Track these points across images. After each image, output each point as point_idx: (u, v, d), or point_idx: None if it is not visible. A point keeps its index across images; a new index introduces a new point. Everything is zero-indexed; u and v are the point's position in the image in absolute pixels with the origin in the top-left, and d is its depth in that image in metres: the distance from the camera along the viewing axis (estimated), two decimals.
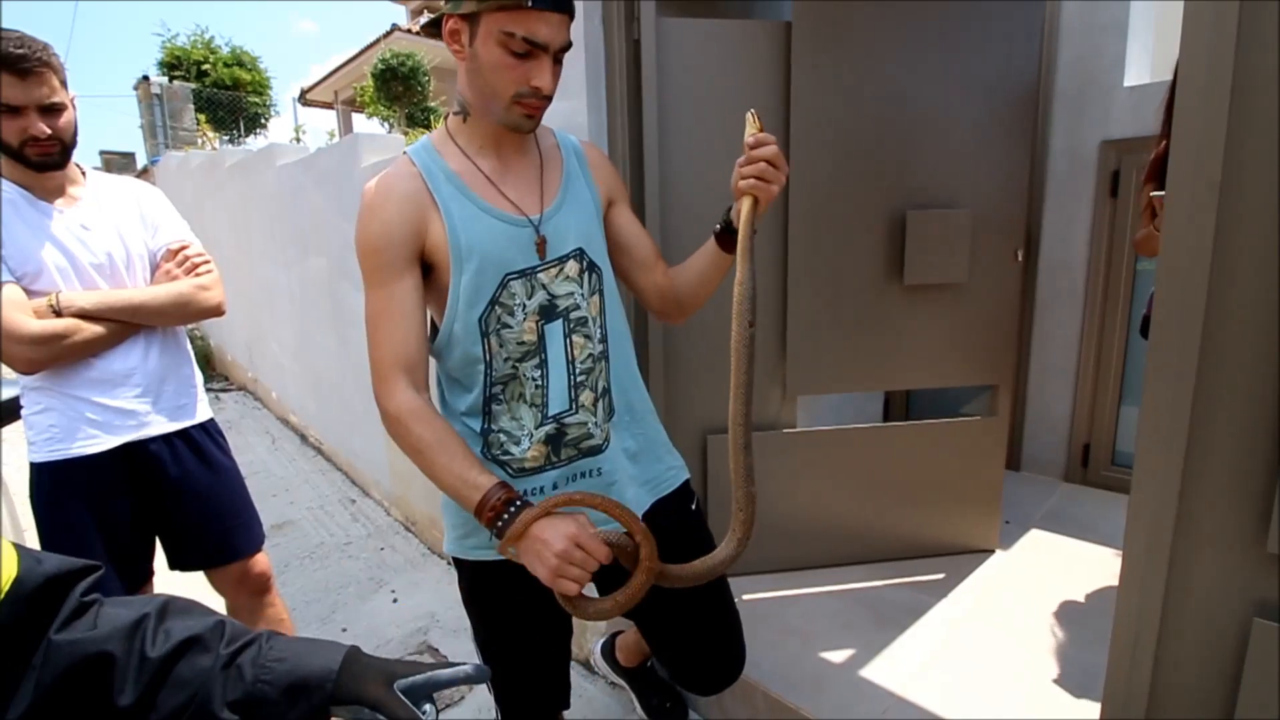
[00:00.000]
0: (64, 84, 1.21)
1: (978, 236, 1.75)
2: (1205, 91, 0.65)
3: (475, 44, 0.84)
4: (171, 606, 0.55)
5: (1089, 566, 1.89)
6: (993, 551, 1.96)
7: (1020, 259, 1.81)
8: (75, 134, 1.25)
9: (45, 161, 1.20)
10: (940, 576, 1.84)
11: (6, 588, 0.48)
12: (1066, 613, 1.68)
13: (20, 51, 1.12)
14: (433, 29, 0.96)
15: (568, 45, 0.87)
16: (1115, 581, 0.80)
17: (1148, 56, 2.25)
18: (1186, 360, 0.70)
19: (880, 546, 1.92)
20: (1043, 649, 1.55)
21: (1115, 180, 2.23)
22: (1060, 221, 2.38)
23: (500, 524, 0.81)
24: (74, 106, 1.25)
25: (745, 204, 0.86)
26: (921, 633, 1.62)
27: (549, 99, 0.88)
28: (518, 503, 0.81)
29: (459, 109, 0.94)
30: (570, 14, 0.85)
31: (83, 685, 0.49)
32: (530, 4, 0.80)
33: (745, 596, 1.77)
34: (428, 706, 0.57)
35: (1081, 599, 1.73)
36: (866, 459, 1.86)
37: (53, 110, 1.19)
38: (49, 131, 1.18)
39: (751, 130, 0.86)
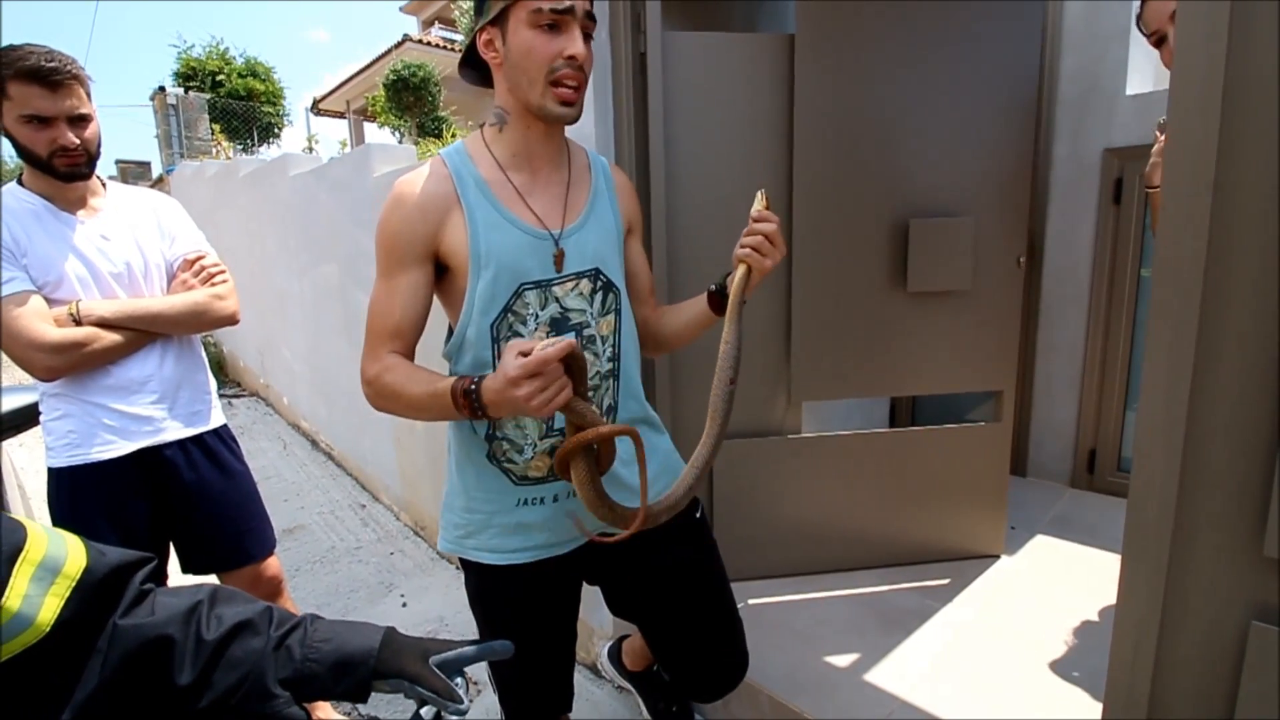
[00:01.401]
0: (89, 96, 1.25)
1: (980, 243, 1.76)
2: (1201, 90, 0.66)
3: (508, 41, 0.88)
4: (220, 594, 0.60)
5: (1094, 571, 1.88)
6: (998, 557, 1.96)
7: (1023, 265, 1.82)
8: (100, 145, 1.28)
9: (73, 172, 1.24)
10: (945, 581, 1.84)
11: (78, 578, 0.51)
12: (1071, 617, 1.68)
13: (52, 65, 1.16)
14: (468, 64, 0.99)
15: (592, 16, 0.90)
16: None
17: (1150, 64, 2.25)
18: (1182, 364, 0.70)
19: (886, 551, 1.92)
20: (1047, 653, 1.54)
21: (1118, 187, 2.23)
22: (1064, 228, 2.39)
23: (477, 409, 0.81)
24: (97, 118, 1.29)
25: (739, 271, 0.91)
26: (926, 637, 1.62)
27: (585, 74, 0.90)
28: (473, 384, 0.82)
29: (495, 120, 0.96)
30: None
31: (146, 665, 0.53)
32: None
33: (751, 601, 1.78)
34: (458, 679, 0.63)
35: (1086, 604, 1.73)
36: (871, 464, 1.87)
37: (81, 121, 1.22)
38: (78, 142, 1.22)
39: (758, 206, 0.92)
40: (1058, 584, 1.83)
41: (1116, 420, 2.35)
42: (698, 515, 1.11)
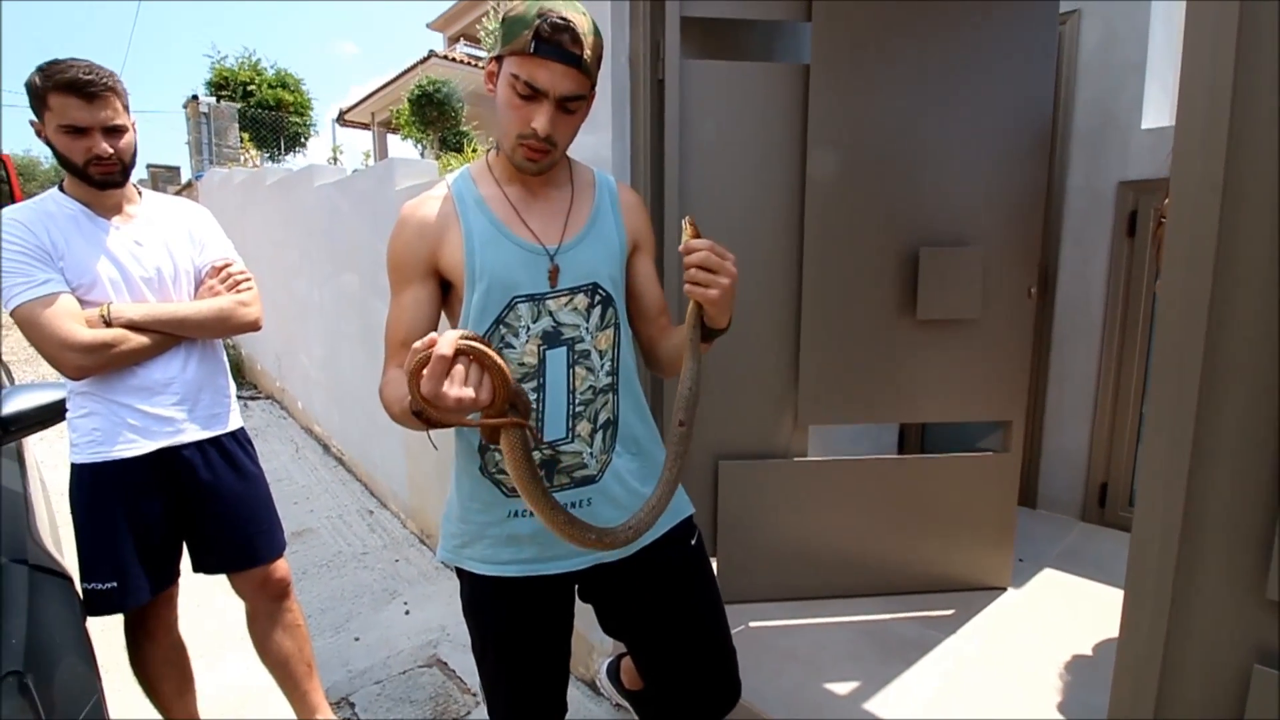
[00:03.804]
0: (126, 108, 1.31)
1: (991, 273, 1.77)
2: (1207, 95, 0.65)
3: (497, 85, 0.92)
4: None
5: (1101, 608, 1.86)
6: (1004, 589, 1.94)
7: (1034, 296, 1.82)
8: (134, 154, 1.34)
9: (107, 180, 1.30)
10: (950, 612, 1.83)
11: None
12: (1075, 654, 1.65)
13: (89, 77, 1.23)
14: None
15: (577, 96, 0.90)
16: None
17: (1167, 98, 2.26)
18: (1186, 402, 0.71)
19: (890, 579, 1.91)
20: (1050, 690, 1.52)
21: (1133, 220, 2.23)
22: (1078, 259, 2.39)
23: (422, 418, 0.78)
24: (134, 130, 1.34)
25: (690, 306, 0.88)
26: (928, 668, 1.60)
27: (552, 144, 0.92)
28: None
29: (496, 144, 1.00)
30: (578, 67, 0.88)
31: None
32: (532, 50, 0.86)
33: (751, 624, 1.77)
34: None
35: (1092, 640, 1.71)
36: (878, 490, 1.87)
37: (115, 131, 1.29)
38: (111, 151, 1.28)
39: (684, 238, 0.86)
40: (1064, 619, 1.80)
41: (1128, 454, 2.33)
42: (693, 542, 1.10)
